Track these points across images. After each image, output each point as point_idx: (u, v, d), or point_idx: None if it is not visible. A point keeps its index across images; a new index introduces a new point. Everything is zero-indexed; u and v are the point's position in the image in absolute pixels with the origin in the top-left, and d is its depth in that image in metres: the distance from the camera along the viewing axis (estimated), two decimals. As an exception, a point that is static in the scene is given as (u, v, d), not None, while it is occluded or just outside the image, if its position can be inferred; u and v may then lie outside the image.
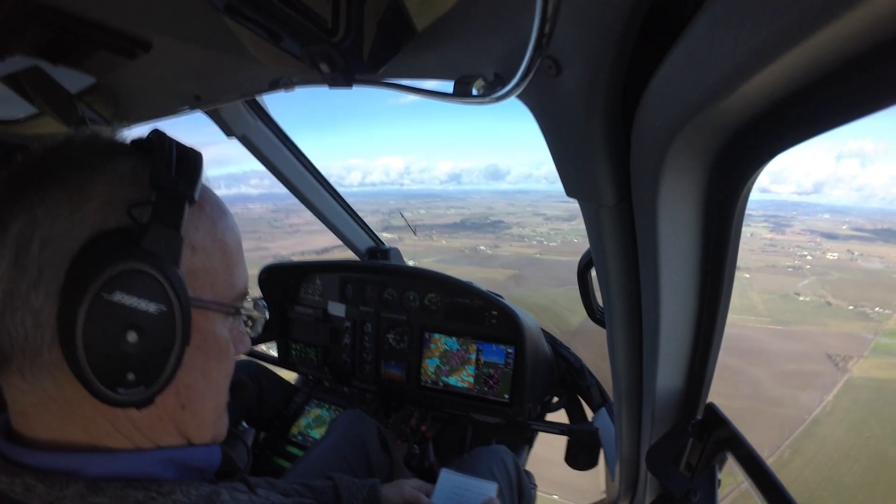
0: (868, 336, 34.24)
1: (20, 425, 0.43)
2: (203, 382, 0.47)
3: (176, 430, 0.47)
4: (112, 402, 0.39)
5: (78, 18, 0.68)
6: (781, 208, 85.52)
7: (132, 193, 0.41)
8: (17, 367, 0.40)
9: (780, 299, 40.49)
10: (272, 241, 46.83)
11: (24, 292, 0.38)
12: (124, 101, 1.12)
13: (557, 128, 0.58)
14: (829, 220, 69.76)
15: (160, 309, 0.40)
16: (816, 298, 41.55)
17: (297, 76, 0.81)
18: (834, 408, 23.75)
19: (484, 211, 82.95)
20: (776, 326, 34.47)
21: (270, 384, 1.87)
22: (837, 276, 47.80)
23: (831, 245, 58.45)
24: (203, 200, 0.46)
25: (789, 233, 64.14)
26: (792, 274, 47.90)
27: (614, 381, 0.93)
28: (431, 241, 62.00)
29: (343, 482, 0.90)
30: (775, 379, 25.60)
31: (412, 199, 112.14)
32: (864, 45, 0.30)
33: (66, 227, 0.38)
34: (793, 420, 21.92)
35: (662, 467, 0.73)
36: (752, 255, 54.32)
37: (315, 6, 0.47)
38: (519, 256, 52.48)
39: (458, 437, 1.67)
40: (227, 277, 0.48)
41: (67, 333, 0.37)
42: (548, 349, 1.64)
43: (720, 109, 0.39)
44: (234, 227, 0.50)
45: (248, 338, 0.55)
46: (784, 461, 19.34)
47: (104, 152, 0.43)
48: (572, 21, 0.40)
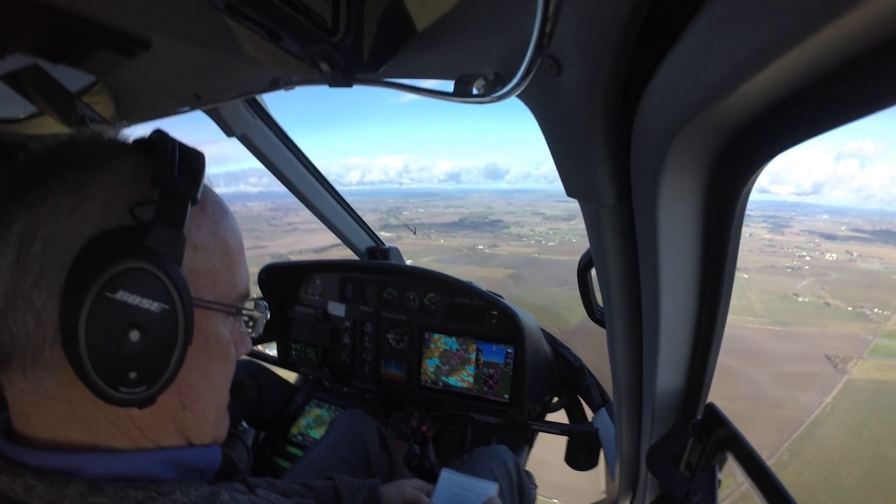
0: (867, 337, 34.00)
1: (21, 424, 0.43)
2: (204, 382, 0.48)
3: (177, 430, 0.47)
4: (114, 402, 0.39)
5: (78, 18, 0.68)
6: (780, 209, 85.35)
7: (134, 193, 0.41)
8: (19, 366, 0.40)
9: (778, 300, 40.27)
10: (270, 239, 46.72)
11: (26, 291, 0.37)
12: (124, 101, 1.12)
13: (558, 127, 0.58)
14: (828, 220, 69.56)
15: (163, 308, 0.40)
16: (815, 299, 41.40)
17: (297, 75, 0.81)
18: (833, 409, 23.61)
19: (483, 210, 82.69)
20: (775, 327, 34.33)
21: (270, 384, 1.87)
22: (836, 276, 47.67)
23: (830, 246, 58.25)
24: (205, 200, 0.46)
25: (788, 233, 63.93)
26: (791, 274, 47.64)
27: (614, 381, 0.93)
28: (430, 240, 61.87)
29: (343, 482, 0.90)
30: (774, 380, 25.42)
31: (411, 197, 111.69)
32: (864, 45, 0.30)
33: (67, 226, 0.38)
34: (792, 422, 21.78)
35: (662, 467, 0.73)
36: (751, 256, 54.10)
37: (315, 6, 0.47)
38: (517, 256, 52.29)
39: (457, 438, 1.67)
40: (229, 277, 0.48)
41: (70, 332, 0.36)
42: (548, 349, 1.64)
43: (720, 109, 0.39)
44: (235, 226, 0.50)
45: (249, 339, 0.55)
46: (783, 463, 19.18)
47: (106, 152, 0.43)
48: (573, 21, 0.40)
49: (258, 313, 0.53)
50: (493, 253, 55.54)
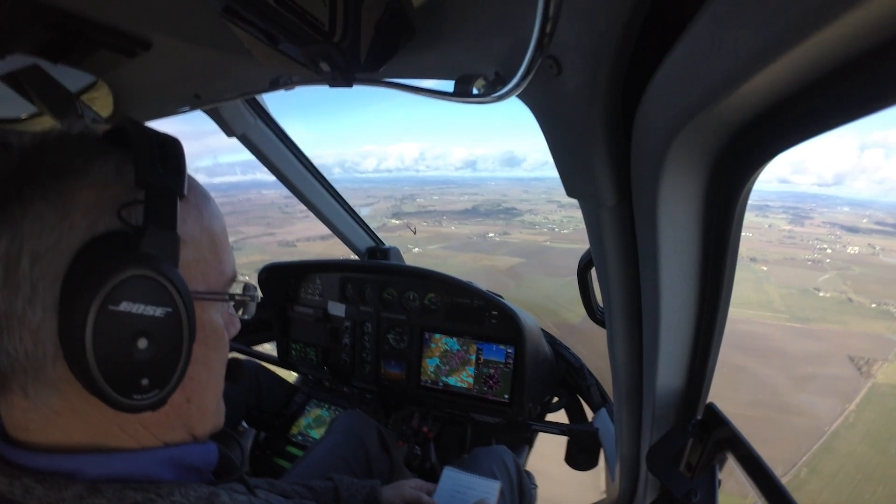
0: (893, 337, 30.95)
1: (19, 435, 0.42)
2: (205, 373, 0.48)
3: (182, 424, 0.47)
4: (129, 410, 0.38)
5: (78, 18, 0.68)
6: (800, 200, 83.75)
7: (119, 193, 0.40)
8: (19, 386, 0.39)
9: (798, 294, 37.60)
10: (280, 226, 46.35)
11: (19, 311, 0.36)
12: (124, 100, 1.12)
13: (558, 127, 0.58)
14: (849, 213, 67.61)
15: (167, 312, 0.39)
16: (837, 294, 38.58)
17: (297, 76, 0.81)
18: (856, 419, 20.86)
19: (497, 198, 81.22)
20: (794, 324, 31.78)
21: (270, 384, 1.87)
22: (859, 271, 44.59)
23: (852, 239, 55.08)
24: (188, 190, 0.45)
25: (808, 225, 61.92)
26: (811, 268, 44.81)
27: (614, 381, 0.93)
28: (440, 227, 61.05)
29: (343, 483, 0.90)
30: (792, 383, 23.19)
31: (427, 185, 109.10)
32: (864, 45, 0.30)
33: (54, 238, 0.36)
34: (810, 432, 19.24)
35: (662, 467, 0.73)
36: (771, 247, 51.56)
37: (311, 9, 0.47)
38: (528, 244, 51.21)
39: (458, 438, 1.67)
40: (217, 265, 0.48)
41: (75, 347, 0.35)
42: (548, 349, 1.64)
43: (720, 109, 0.39)
44: (218, 212, 0.49)
45: (238, 320, 0.54)
46: (801, 481, 16.78)
47: (83, 152, 0.41)
48: (573, 21, 0.40)
49: (248, 296, 0.52)
50: (504, 241, 54.47)
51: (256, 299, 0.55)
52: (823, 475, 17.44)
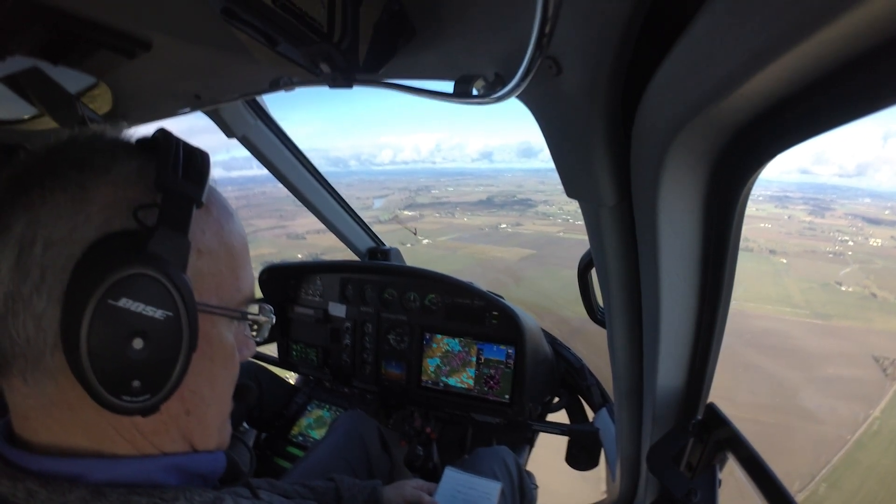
0: None
1: (22, 429, 0.42)
2: (208, 388, 0.47)
3: (181, 436, 0.46)
4: (117, 410, 0.38)
5: (78, 18, 0.68)
6: (821, 191, 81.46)
7: (137, 195, 0.40)
8: (19, 370, 0.39)
9: (819, 289, 35.15)
10: (292, 219, 46.08)
11: (25, 295, 0.37)
12: (124, 101, 1.12)
13: (558, 128, 0.58)
14: (871, 204, 65.36)
15: (167, 315, 0.39)
16: (860, 289, 36.02)
17: (297, 76, 0.81)
18: (881, 427, 18.42)
19: (513, 189, 79.65)
20: (815, 321, 29.32)
21: (271, 385, 1.87)
22: (882, 264, 41.91)
23: (874, 231, 52.74)
24: (210, 202, 0.45)
25: (829, 216, 59.55)
26: (832, 261, 42.32)
27: (615, 381, 0.93)
28: (453, 218, 60.17)
29: (344, 483, 0.90)
30: (812, 386, 20.87)
31: (443, 176, 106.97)
32: (864, 45, 0.30)
33: (69, 228, 0.37)
34: (831, 441, 16.92)
35: (663, 467, 0.73)
36: (791, 239, 48.80)
37: (310, 10, 0.47)
38: (540, 235, 50.02)
39: (458, 438, 1.67)
40: (233, 281, 0.47)
41: (71, 339, 0.36)
42: (548, 349, 1.64)
43: (720, 109, 0.39)
44: (240, 229, 0.49)
45: (253, 342, 0.54)
46: (819, 498, 14.72)
47: (108, 152, 0.42)
48: (573, 21, 0.40)
49: (263, 318, 0.52)
50: (516, 232, 53.28)
51: (272, 321, 0.54)
52: (845, 491, 15.36)
